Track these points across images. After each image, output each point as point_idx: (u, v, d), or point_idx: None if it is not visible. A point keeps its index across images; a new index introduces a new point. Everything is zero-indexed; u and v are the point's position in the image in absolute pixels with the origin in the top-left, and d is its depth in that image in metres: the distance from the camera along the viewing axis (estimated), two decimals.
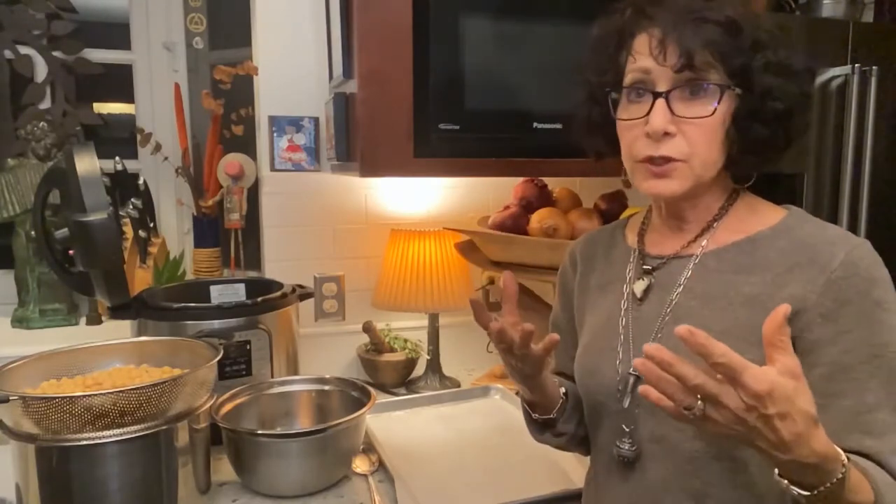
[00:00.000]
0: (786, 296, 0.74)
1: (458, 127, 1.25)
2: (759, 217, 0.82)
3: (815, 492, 0.62)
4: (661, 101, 0.75)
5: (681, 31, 0.74)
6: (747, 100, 0.76)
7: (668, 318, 0.82)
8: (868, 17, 1.83)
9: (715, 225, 0.83)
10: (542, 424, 0.95)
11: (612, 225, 1.02)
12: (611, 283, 0.92)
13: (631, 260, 0.90)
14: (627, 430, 0.83)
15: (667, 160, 0.76)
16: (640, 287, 0.86)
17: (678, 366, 0.59)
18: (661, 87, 0.76)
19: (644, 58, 0.77)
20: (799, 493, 0.63)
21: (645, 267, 0.87)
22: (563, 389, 0.94)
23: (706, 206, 0.84)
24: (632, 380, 0.82)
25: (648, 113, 0.76)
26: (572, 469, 1.20)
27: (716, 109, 0.75)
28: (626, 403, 0.82)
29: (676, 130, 0.76)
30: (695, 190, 0.79)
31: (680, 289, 0.82)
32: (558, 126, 1.29)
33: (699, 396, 0.60)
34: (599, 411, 0.88)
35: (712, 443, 0.76)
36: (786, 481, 0.63)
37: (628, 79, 0.80)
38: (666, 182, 0.78)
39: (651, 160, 0.77)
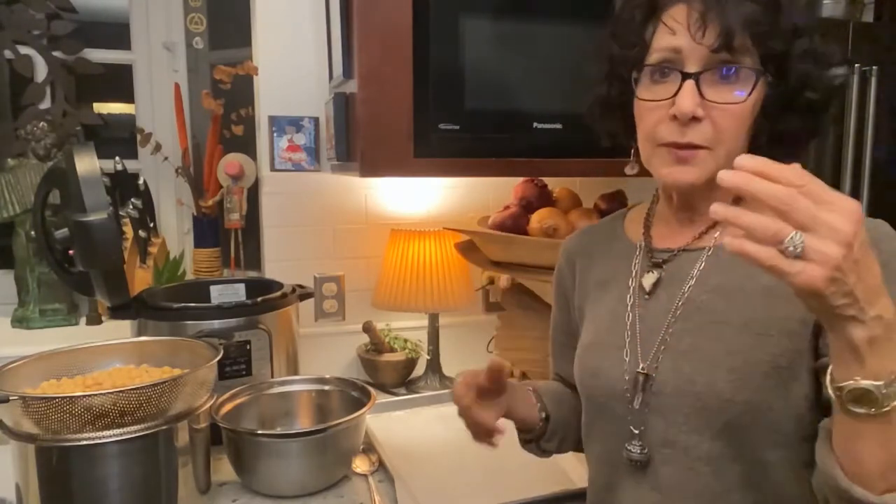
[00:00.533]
0: None
1: (458, 127, 1.25)
2: None
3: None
4: (690, 83, 0.70)
5: (723, 5, 0.69)
6: (780, 88, 0.72)
7: (679, 313, 0.77)
8: (868, 17, 1.83)
9: None
10: (524, 440, 0.95)
11: (607, 219, 0.97)
12: (613, 278, 0.87)
13: (636, 254, 0.85)
14: (636, 432, 0.77)
15: (692, 146, 0.72)
16: (648, 280, 0.81)
17: (775, 170, 0.51)
18: (692, 68, 0.71)
19: (677, 33, 0.72)
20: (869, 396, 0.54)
21: (654, 260, 0.82)
22: (543, 414, 0.92)
23: (721, 197, 0.78)
24: (641, 379, 0.77)
25: (675, 94, 0.71)
26: (572, 469, 1.20)
27: (749, 95, 0.71)
28: (638, 403, 0.77)
29: (704, 115, 0.71)
30: (713, 181, 0.74)
31: (692, 281, 0.77)
32: (558, 126, 1.29)
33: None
34: (602, 413, 0.83)
35: (731, 443, 0.72)
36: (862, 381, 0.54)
37: (655, 56, 0.74)
38: (687, 169, 0.73)
39: (675, 145, 0.73)
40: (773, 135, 0.74)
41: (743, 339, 0.71)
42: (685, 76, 0.71)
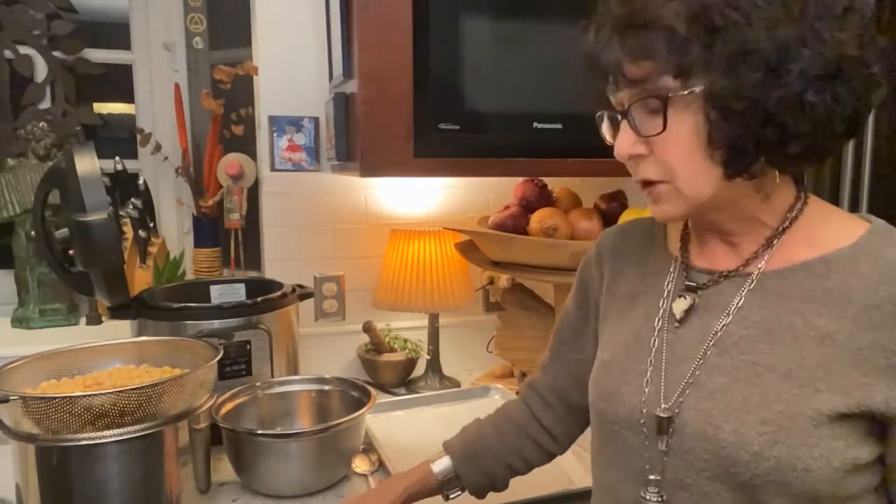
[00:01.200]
0: (868, 340, 0.60)
1: (458, 127, 1.25)
2: (834, 229, 0.68)
3: None
4: (624, 123, 0.67)
5: (604, 45, 0.65)
6: (714, 96, 0.61)
7: (712, 348, 0.68)
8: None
9: (776, 241, 0.69)
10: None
11: (648, 219, 0.86)
12: (644, 293, 0.79)
13: (671, 270, 0.77)
14: (654, 478, 0.70)
15: (648, 183, 0.68)
16: (680, 306, 0.72)
17: None
18: (621, 107, 0.67)
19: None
20: None
21: (688, 283, 0.74)
22: (438, 477, 0.92)
23: (756, 216, 0.69)
24: (664, 424, 0.69)
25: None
26: (572, 469, 1.20)
27: (665, 124, 0.63)
28: (662, 446, 0.69)
29: (647, 151, 0.66)
30: (710, 204, 0.67)
31: (732, 313, 0.69)
32: (558, 126, 1.29)
33: None
34: (614, 442, 0.75)
35: (755, 499, 0.64)
36: None
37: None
38: (660, 207, 0.69)
39: (640, 183, 0.69)
40: (734, 151, 0.63)
41: (784, 387, 0.62)
42: (621, 116, 0.67)
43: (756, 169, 0.64)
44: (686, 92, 0.62)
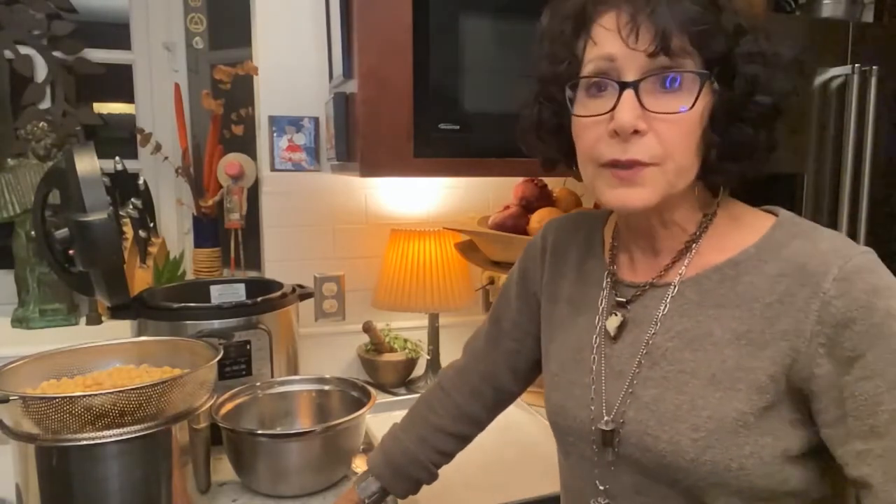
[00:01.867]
0: (777, 332, 0.63)
1: (458, 127, 1.25)
2: (743, 230, 0.70)
3: None
4: (629, 93, 0.63)
5: (655, 5, 0.62)
6: (728, 95, 0.65)
7: (644, 361, 0.71)
8: (868, 17, 1.83)
9: (694, 246, 0.71)
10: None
11: (591, 217, 0.87)
12: (583, 303, 0.80)
13: (605, 285, 0.78)
14: (602, 488, 0.73)
15: (636, 164, 0.64)
16: (613, 324, 0.74)
17: None
18: (630, 76, 0.64)
19: (609, 41, 0.65)
20: None
21: (618, 299, 0.75)
22: (367, 501, 0.95)
23: (680, 224, 0.72)
24: (608, 435, 0.71)
25: (614, 107, 0.64)
26: None
27: (695, 103, 0.63)
28: (609, 457, 0.72)
29: (647, 128, 0.64)
30: (666, 202, 0.67)
31: (657, 326, 0.71)
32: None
33: None
34: (571, 453, 0.79)
35: (703, 501, 0.66)
36: None
37: (589, 68, 0.67)
38: (635, 191, 0.65)
39: (617, 164, 0.65)
40: (723, 148, 0.66)
41: (709, 392, 0.65)
42: (623, 86, 0.64)
43: (720, 168, 0.67)
44: (711, 79, 0.64)
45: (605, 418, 0.72)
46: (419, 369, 1.69)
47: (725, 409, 0.64)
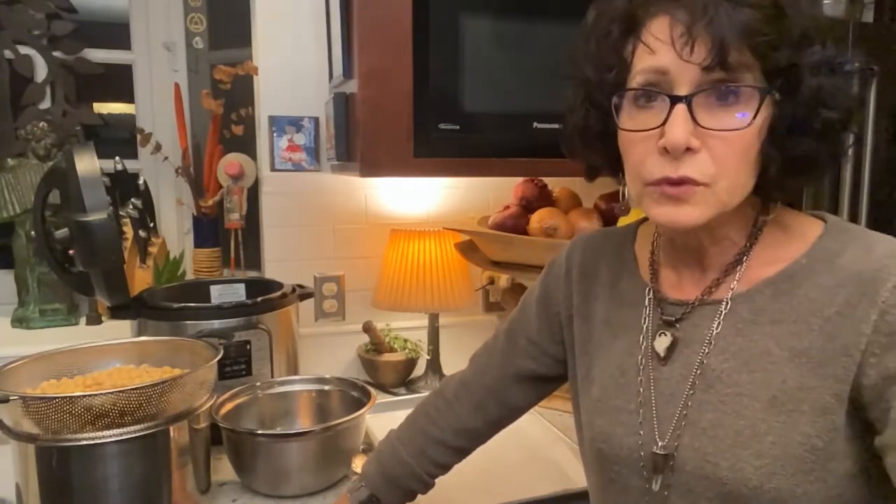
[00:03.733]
0: (839, 346, 0.60)
1: (458, 127, 1.25)
2: (792, 239, 0.67)
3: None
4: (681, 108, 0.59)
5: (713, 15, 0.57)
6: (790, 107, 0.61)
7: (697, 383, 0.67)
8: (868, 17, 1.83)
9: (744, 259, 0.68)
10: None
11: (619, 234, 0.84)
12: (622, 325, 0.76)
13: (646, 303, 0.74)
14: None
15: (686, 181, 0.61)
16: (662, 344, 0.71)
17: None
18: (682, 90, 0.59)
19: (661, 51, 0.60)
20: None
21: (665, 317, 0.71)
22: None
23: (730, 238, 0.68)
24: (660, 460, 0.68)
25: (664, 122, 0.60)
26: (572, 469, 1.20)
27: (753, 119, 0.59)
28: (657, 485, 0.68)
29: (700, 145, 0.60)
30: (717, 219, 0.63)
31: (710, 346, 0.67)
32: (558, 126, 1.29)
33: None
34: (614, 481, 0.73)
35: None
36: None
37: (638, 79, 0.63)
38: (684, 209, 0.61)
39: (667, 181, 0.61)
40: (784, 163, 0.62)
41: (771, 416, 0.62)
42: (674, 100, 0.59)
43: (778, 185, 0.64)
44: (772, 93, 0.60)
45: (659, 443, 0.68)
46: (419, 369, 1.69)
47: (790, 434, 0.61)
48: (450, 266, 1.61)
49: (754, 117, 0.59)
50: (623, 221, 1.40)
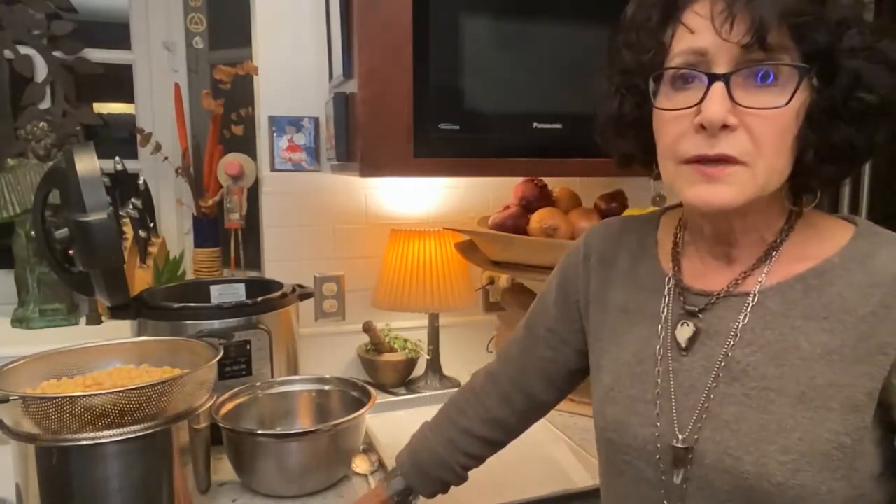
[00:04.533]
0: (873, 346, 0.60)
1: (458, 127, 1.25)
2: (823, 239, 0.67)
3: None
4: (718, 85, 0.59)
5: None
6: (828, 91, 0.61)
7: (721, 375, 0.66)
8: (868, 17, 1.83)
9: (773, 254, 0.67)
10: None
11: (639, 221, 0.83)
12: (639, 311, 0.75)
13: (665, 292, 0.74)
14: None
15: (724, 160, 0.60)
16: (684, 335, 0.70)
17: None
18: (721, 69, 0.60)
19: (700, 31, 0.61)
20: None
21: (688, 307, 0.70)
22: (395, 498, 0.92)
23: (760, 230, 0.68)
24: (681, 454, 0.66)
25: (702, 100, 0.60)
26: (572, 469, 1.20)
27: (792, 98, 0.59)
28: (678, 479, 0.67)
29: (738, 123, 0.60)
30: (751, 205, 0.63)
31: (735, 338, 0.66)
32: (558, 126, 1.30)
33: None
34: (625, 472, 0.72)
35: None
36: None
37: (677, 60, 0.63)
38: (719, 188, 0.61)
39: (703, 159, 0.61)
40: (821, 148, 0.62)
41: (798, 412, 0.61)
42: (712, 78, 0.60)
43: (817, 171, 0.64)
44: (810, 74, 0.60)
45: (679, 436, 0.67)
46: (419, 369, 1.69)
47: (818, 431, 0.60)
48: (450, 266, 1.61)
49: (792, 97, 0.59)
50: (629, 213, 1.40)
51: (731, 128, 0.60)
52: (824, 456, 0.60)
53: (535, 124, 1.29)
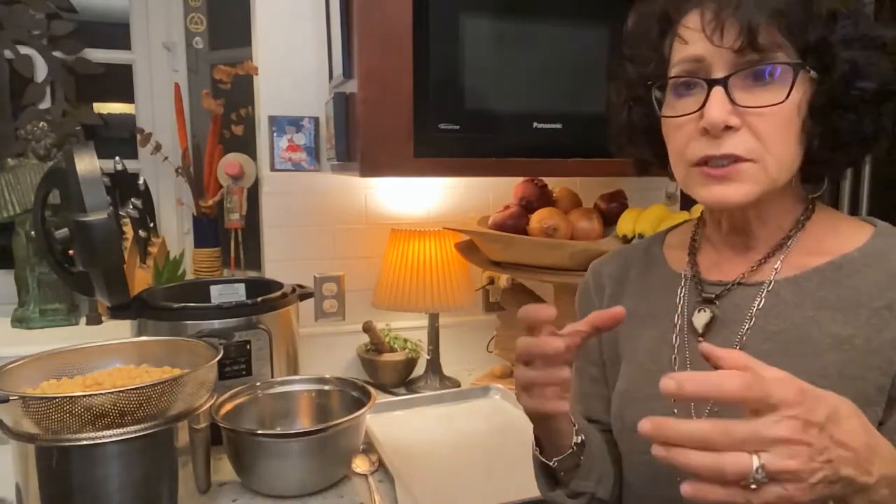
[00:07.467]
0: (886, 340, 0.61)
1: (458, 127, 1.25)
2: (841, 235, 0.69)
3: None
4: (718, 89, 0.62)
5: (740, 2, 0.61)
6: (827, 82, 0.63)
7: None
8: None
9: (789, 244, 0.69)
10: (551, 476, 0.79)
11: (644, 242, 0.87)
12: (652, 313, 0.76)
13: (681, 286, 0.75)
14: None
15: (731, 159, 0.63)
16: (701, 320, 0.70)
17: (700, 429, 0.45)
18: (718, 74, 0.63)
19: (695, 41, 0.64)
20: None
21: (705, 295, 0.72)
22: (578, 438, 0.74)
23: (777, 219, 0.70)
24: None
25: (703, 105, 0.63)
26: None
27: (789, 95, 0.61)
28: None
29: (740, 123, 0.62)
30: (766, 197, 0.65)
31: (749, 324, 0.67)
32: (558, 126, 1.29)
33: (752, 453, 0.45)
34: (647, 474, 0.72)
35: None
36: None
37: (676, 69, 0.66)
38: (732, 187, 0.63)
39: (710, 161, 0.64)
40: (826, 137, 0.64)
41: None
42: (711, 83, 0.62)
43: (825, 160, 0.65)
44: (806, 69, 0.62)
45: None
46: (419, 369, 1.69)
47: None
48: (450, 266, 1.61)
49: (789, 93, 0.61)
50: (624, 218, 1.40)
51: (735, 128, 0.62)
52: None
53: (535, 124, 1.29)
